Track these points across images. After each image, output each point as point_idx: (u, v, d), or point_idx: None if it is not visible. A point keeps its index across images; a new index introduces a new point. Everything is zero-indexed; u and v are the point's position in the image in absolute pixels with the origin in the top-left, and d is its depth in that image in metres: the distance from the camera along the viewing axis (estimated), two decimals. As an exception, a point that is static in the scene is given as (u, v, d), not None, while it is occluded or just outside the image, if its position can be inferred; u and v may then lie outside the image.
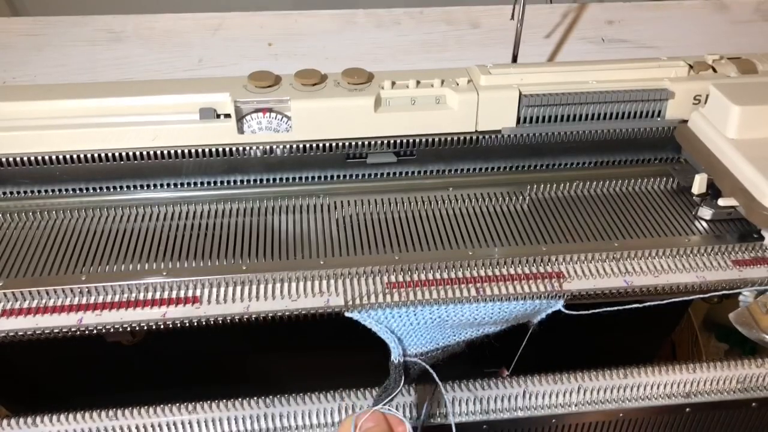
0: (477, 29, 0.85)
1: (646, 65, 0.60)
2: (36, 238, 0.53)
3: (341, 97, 0.56)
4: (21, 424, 0.47)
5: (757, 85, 0.59)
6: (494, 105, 0.58)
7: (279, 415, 0.48)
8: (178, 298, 0.48)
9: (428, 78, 0.58)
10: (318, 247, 0.52)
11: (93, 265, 0.50)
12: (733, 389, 0.51)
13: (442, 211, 0.56)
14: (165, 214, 0.56)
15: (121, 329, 0.46)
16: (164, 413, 0.48)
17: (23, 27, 0.83)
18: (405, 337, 0.47)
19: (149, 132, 0.56)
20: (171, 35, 0.82)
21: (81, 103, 0.56)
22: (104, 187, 0.58)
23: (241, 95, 0.56)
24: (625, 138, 0.61)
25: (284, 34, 0.83)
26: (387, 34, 0.84)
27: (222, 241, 0.53)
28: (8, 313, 0.46)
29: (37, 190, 0.58)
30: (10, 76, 0.74)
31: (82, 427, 0.47)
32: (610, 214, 0.56)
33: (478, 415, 0.49)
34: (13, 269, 0.49)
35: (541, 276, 0.50)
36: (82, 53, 0.78)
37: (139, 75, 0.74)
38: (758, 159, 0.53)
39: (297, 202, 0.57)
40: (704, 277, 0.50)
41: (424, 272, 0.50)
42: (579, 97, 0.58)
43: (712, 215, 0.55)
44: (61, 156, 0.56)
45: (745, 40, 0.83)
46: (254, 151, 0.57)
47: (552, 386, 0.50)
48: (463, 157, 0.60)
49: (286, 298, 0.48)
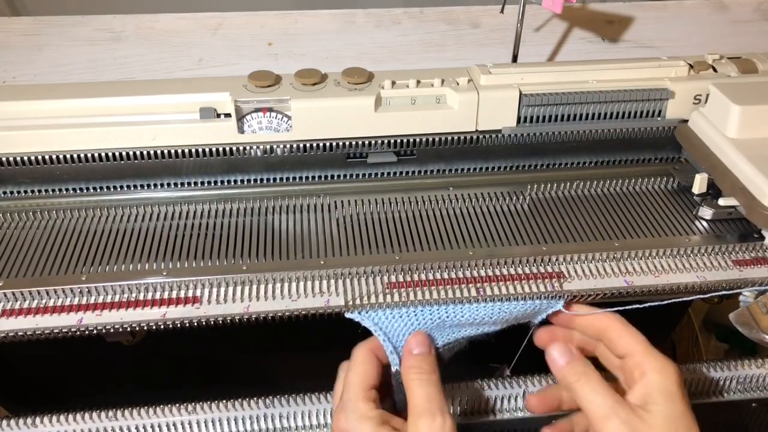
0: (477, 29, 0.85)
1: (646, 65, 0.60)
2: (36, 238, 0.53)
3: (341, 96, 0.56)
4: (21, 424, 0.47)
5: (757, 84, 0.59)
6: (494, 105, 0.58)
7: (279, 415, 0.48)
8: (178, 298, 0.48)
9: (428, 78, 0.58)
10: (318, 247, 0.52)
11: (93, 265, 0.50)
12: (733, 389, 0.51)
13: (442, 210, 0.56)
14: (165, 214, 0.56)
15: (121, 329, 0.46)
16: (164, 413, 0.48)
17: (23, 27, 0.83)
18: (405, 337, 0.47)
19: (149, 132, 0.56)
20: (171, 35, 0.82)
21: (81, 102, 0.56)
22: (104, 187, 0.58)
23: (242, 95, 0.56)
24: (625, 138, 0.61)
25: (284, 34, 0.83)
26: (387, 34, 0.84)
27: (222, 241, 0.53)
28: (8, 313, 0.46)
29: (37, 190, 0.58)
30: (10, 76, 0.74)
31: (82, 427, 0.47)
32: (610, 214, 0.56)
33: (478, 416, 0.49)
34: (13, 269, 0.49)
35: (541, 276, 0.50)
36: (82, 53, 0.78)
37: (139, 75, 0.74)
38: (758, 158, 0.53)
39: (297, 202, 0.57)
40: (704, 277, 0.50)
41: (424, 272, 0.50)
42: (579, 97, 0.58)
43: (712, 215, 0.55)
44: (61, 156, 0.56)
45: (745, 39, 0.83)
46: (254, 151, 0.57)
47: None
48: (463, 157, 0.60)
49: (286, 298, 0.48)
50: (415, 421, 0.40)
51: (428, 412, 0.40)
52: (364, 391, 0.42)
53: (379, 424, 0.41)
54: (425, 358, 0.44)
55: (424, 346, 0.45)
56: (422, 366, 0.43)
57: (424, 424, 0.40)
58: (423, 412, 0.40)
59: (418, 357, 0.44)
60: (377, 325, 0.47)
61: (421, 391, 0.41)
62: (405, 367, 0.44)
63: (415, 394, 0.41)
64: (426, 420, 0.40)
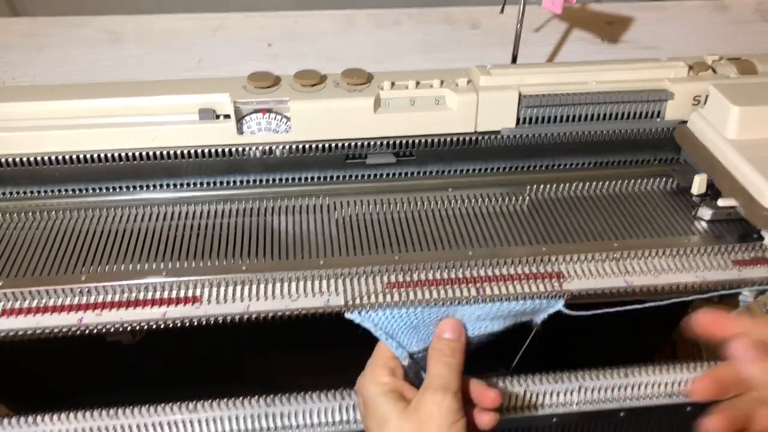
0: (477, 29, 0.85)
1: (646, 66, 0.60)
2: (36, 238, 0.53)
3: (341, 97, 0.56)
4: (21, 423, 0.47)
5: (757, 85, 0.59)
6: (494, 105, 0.58)
7: (279, 414, 0.48)
8: (178, 297, 0.48)
9: (428, 79, 0.58)
10: (318, 247, 0.52)
11: (93, 265, 0.50)
12: (732, 389, 0.51)
13: (441, 211, 0.56)
14: (165, 214, 0.56)
15: (121, 329, 0.46)
16: (164, 413, 0.48)
17: (23, 27, 0.83)
18: (408, 335, 0.47)
19: (149, 132, 0.56)
20: (171, 35, 0.82)
21: (81, 103, 0.56)
22: (104, 187, 0.58)
23: (241, 96, 0.56)
24: (624, 138, 0.61)
25: (284, 34, 0.83)
26: (387, 34, 0.84)
27: (222, 241, 0.53)
28: (8, 313, 0.46)
29: (37, 190, 0.58)
30: (10, 77, 0.74)
31: (82, 427, 0.47)
32: (610, 215, 0.56)
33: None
34: (13, 269, 0.49)
35: (541, 276, 0.50)
36: (82, 53, 0.78)
37: (138, 75, 0.74)
38: (758, 159, 0.53)
39: (297, 203, 0.57)
40: (704, 277, 0.50)
41: (424, 272, 0.50)
42: (579, 98, 0.58)
43: (711, 215, 0.55)
44: (60, 156, 0.56)
45: (745, 40, 0.84)
46: (254, 152, 0.57)
47: (552, 386, 0.50)
48: (462, 158, 0.60)
49: (286, 298, 0.48)
50: (422, 394, 0.44)
51: (434, 388, 0.44)
52: (385, 358, 0.47)
53: (388, 390, 0.45)
54: (450, 343, 0.47)
55: (454, 333, 0.48)
56: (445, 350, 0.47)
57: (429, 397, 0.44)
58: (431, 386, 0.44)
59: (444, 341, 0.47)
60: (377, 326, 0.47)
61: (436, 370, 0.45)
62: (431, 348, 0.47)
63: (431, 372, 0.46)
64: (431, 395, 0.44)
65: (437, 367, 0.45)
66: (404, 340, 0.47)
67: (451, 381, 0.44)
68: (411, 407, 0.44)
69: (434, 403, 0.43)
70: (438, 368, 0.45)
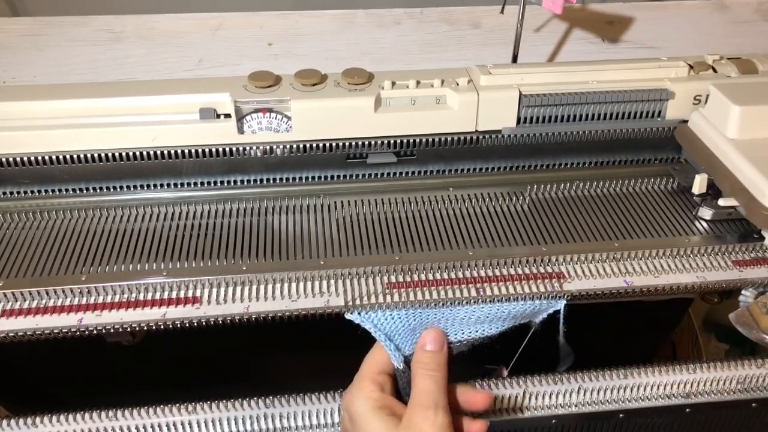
0: (477, 29, 0.85)
1: (646, 65, 0.60)
2: (36, 238, 0.53)
3: (341, 97, 0.56)
4: (21, 424, 0.47)
5: (757, 85, 0.59)
6: (494, 105, 0.58)
7: (279, 415, 0.48)
8: (178, 298, 0.48)
9: (428, 78, 0.58)
10: (318, 248, 0.52)
11: (93, 265, 0.50)
12: (733, 389, 0.51)
13: (442, 211, 0.56)
14: (165, 214, 0.56)
15: (121, 329, 0.46)
16: (164, 413, 0.48)
17: (23, 27, 0.83)
18: (405, 338, 0.47)
19: (149, 132, 0.56)
20: (171, 35, 0.82)
21: (81, 103, 0.56)
22: (104, 187, 0.58)
23: (241, 95, 0.56)
24: (625, 138, 0.61)
25: (284, 34, 0.83)
26: (387, 34, 0.84)
27: (222, 241, 0.53)
28: (8, 313, 0.46)
29: (37, 190, 0.58)
30: (10, 76, 0.74)
31: (82, 427, 0.47)
32: (610, 214, 0.56)
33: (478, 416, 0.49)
34: (13, 269, 0.49)
35: (541, 276, 0.50)
36: (83, 53, 0.78)
37: (139, 75, 0.74)
38: (758, 159, 0.53)
39: (297, 202, 0.57)
40: (704, 277, 0.50)
41: (424, 272, 0.50)
42: (579, 98, 0.58)
43: (712, 215, 0.55)
44: (61, 156, 0.56)
45: (745, 40, 0.84)
46: (254, 151, 0.57)
47: (552, 386, 0.50)
48: (463, 157, 0.60)
49: (286, 298, 0.48)
50: (411, 411, 0.43)
51: (425, 405, 0.43)
52: (373, 373, 0.46)
53: (378, 407, 0.43)
54: (434, 356, 0.46)
55: (436, 344, 0.46)
56: (430, 363, 0.45)
57: (418, 415, 0.42)
58: (420, 404, 0.43)
59: (428, 354, 0.46)
60: (377, 327, 0.47)
61: (423, 386, 0.44)
62: (415, 361, 0.46)
63: (417, 387, 0.44)
64: (421, 412, 0.42)
65: (425, 383, 0.44)
66: (402, 342, 0.47)
67: (440, 396, 0.43)
68: (402, 425, 0.43)
69: (426, 420, 0.42)
70: (426, 384, 0.44)
